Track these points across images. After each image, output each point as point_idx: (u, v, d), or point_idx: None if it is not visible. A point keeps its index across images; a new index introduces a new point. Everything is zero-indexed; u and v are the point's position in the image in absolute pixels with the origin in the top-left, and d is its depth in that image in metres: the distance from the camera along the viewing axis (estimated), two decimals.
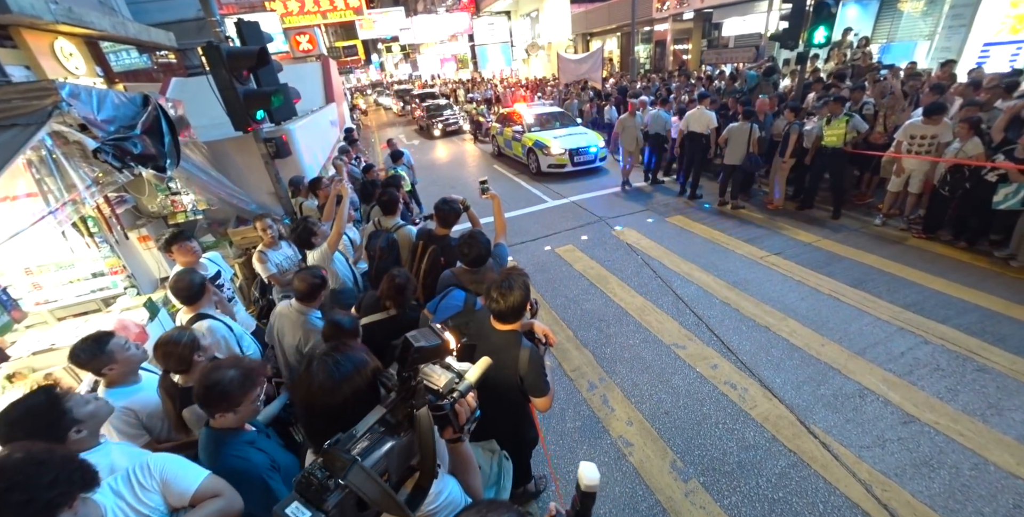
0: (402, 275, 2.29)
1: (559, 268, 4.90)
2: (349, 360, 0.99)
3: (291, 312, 2.34)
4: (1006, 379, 2.90)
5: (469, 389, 1.02)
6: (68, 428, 1.33)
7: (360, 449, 0.80)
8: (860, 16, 11.54)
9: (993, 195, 4.19)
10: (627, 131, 6.85)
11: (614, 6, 18.78)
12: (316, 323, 2.32)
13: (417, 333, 1.04)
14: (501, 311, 1.73)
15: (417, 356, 1.00)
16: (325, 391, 0.94)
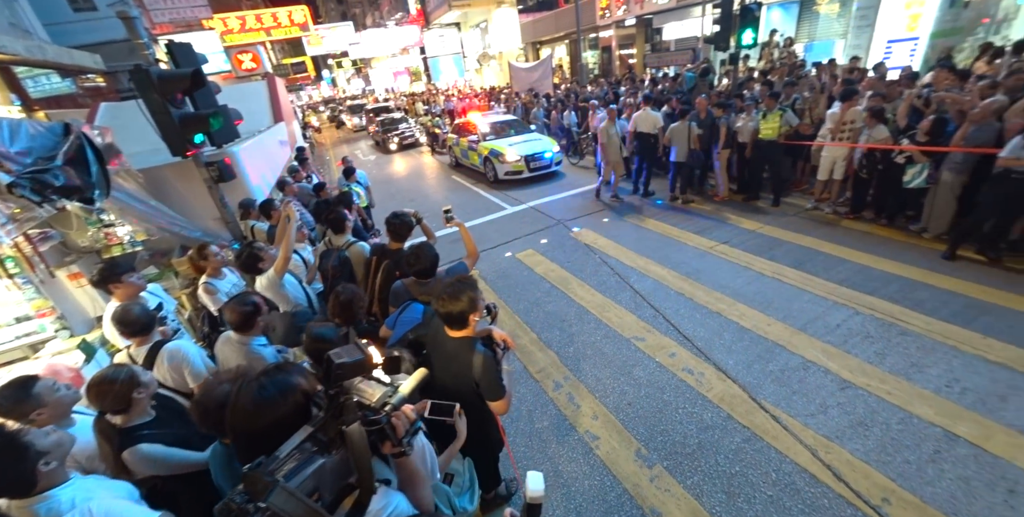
0: (347, 291, 2.30)
1: (521, 273, 5.02)
2: (275, 384, 0.99)
3: (231, 343, 2.28)
4: (924, 339, 3.23)
5: (403, 401, 1.05)
6: (36, 461, 1.29)
7: (286, 470, 0.81)
8: (783, 18, 12.53)
9: (903, 176, 4.68)
10: (611, 140, 6.49)
11: (560, 15, 19.50)
12: (259, 351, 2.27)
13: (340, 350, 1.08)
14: (447, 318, 1.78)
15: (340, 372, 1.03)
16: (246, 415, 0.95)
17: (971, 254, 4.15)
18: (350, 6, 52.57)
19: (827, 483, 2.38)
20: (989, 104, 4.18)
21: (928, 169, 4.53)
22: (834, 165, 5.33)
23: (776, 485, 2.41)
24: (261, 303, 2.27)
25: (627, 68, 16.53)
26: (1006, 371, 2.88)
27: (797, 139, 5.82)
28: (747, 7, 8.00)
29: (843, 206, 5.41)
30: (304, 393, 1.02)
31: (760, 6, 8.48)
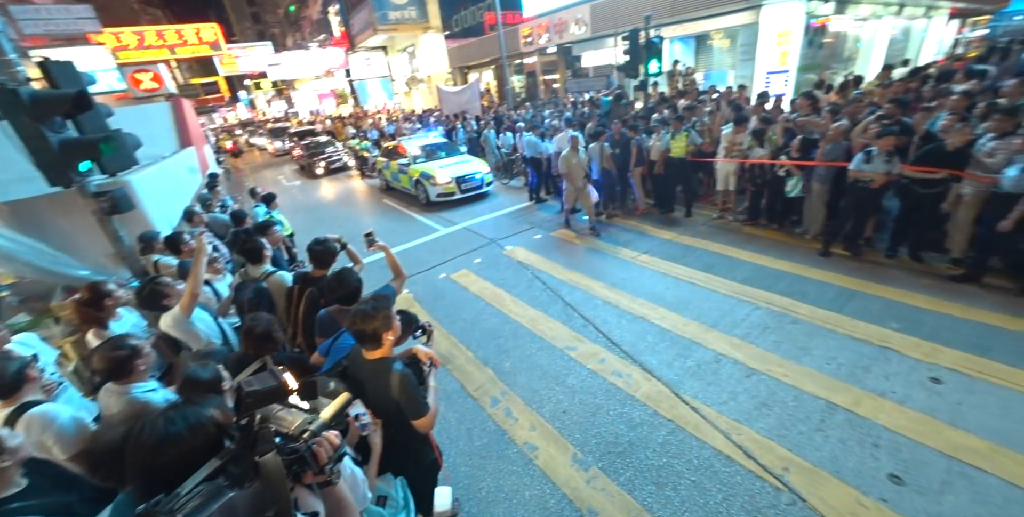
0: (260, 321, 2.23)
1: (456, 293, 5.12)
2: (184, 418, 0.96)
3: (111, 393, 2.08)
4: (809, 325, 3.81)
5: (324, 427, 1.03)
6: None
7: (189, 508, 0.79)
8: (684, 51, 14.33)
9: (785, 187, 5.55)
10: (574, 169, 6.23)
11: (485, 41, 20.56)
12: (144, 398, 2.09)
13: (252, 378, 1.09)
14: (360, 337, 1.79)
15: (251, 401, 1.03)
16: (148, 451, 0.91)
17: (840, 250, 4.98)
18: (268, 26, 51.08)
19: (739, 461, 2.70)
20: (837, 127, 5.14)
21: (802, 181, 5.42)
22: (728, 178, 6.18)
23: (698, 470, 2.68)
24: (143, 346, 2.08)
25: (551, 92, 17.70)
26: (868, 346, 3.49)
27: (701, 156, 6.66)
28: (650, 40, 9.11)
29: (742, 214, 6.23)
30: (217, 425, 0.99)
31: (662, 40, 9.70)
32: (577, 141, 6.25)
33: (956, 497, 2.34)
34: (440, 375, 3.73)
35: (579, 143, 6.28)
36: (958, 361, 3.23)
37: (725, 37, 12.75)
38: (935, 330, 3.58)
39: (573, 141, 6.25)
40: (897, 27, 16.27)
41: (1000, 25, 20.58)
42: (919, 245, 4.72)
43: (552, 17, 16.65)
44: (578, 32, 15.66)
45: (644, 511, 2.48)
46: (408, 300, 5.13)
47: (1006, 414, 2.77)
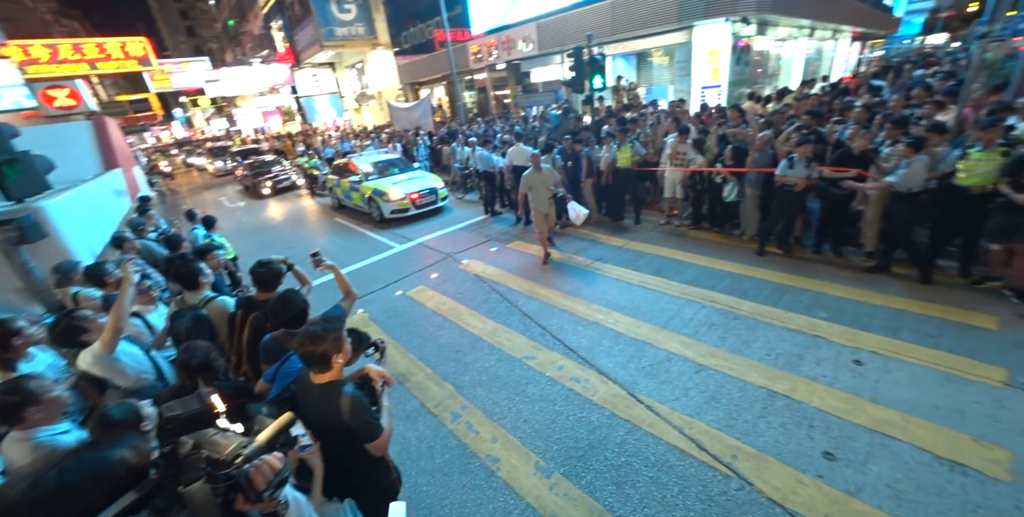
0: (197, 352, 2.09)
1: (412, 310, 5.09)
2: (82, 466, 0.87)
3: (13, 444, 1.89)
4: (750, 320, 4.12)
5: (260, 452, 0.99)
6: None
7: None
8: (626, 67, 15.25)
9: (723, 192, 6.02)
10: (536, 191, 5.71)
11: (436, 58, 20.87)
12: (52, 441, 1.91)
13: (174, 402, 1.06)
14: (308, 360, 1.75)
15: (172, 427, 0.99)
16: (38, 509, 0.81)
17: (774, 249, 5.44)
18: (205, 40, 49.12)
19: (692, 454, 2.85)
20: (762, 137, 5.66)
21: (736, 186, 5.90)
22: (675, 186, 6.60)
23: (654, 466, 2.81)
24: (45, 390, 1.86)
25: (503, 107, 18.16)
26: (801, 335, 3.83)
27: (646, 166, 7.08)
28: (593, 58, 9.65)
29: (687, 220, 6.66)
30: (129, 468, 0.92)
31: (604, 57, 10.30)
32: (538, 159, 5.70)
33: (878, 466, 2.60)
34: (399, 394, 3.71)
35: (540, 161, 5.71)
36: (875, 343, 3.61)
37: (664, 54, 13.72)
38: (855, 317, 3.98)
39: (534, 159, 5.71)
40: (811, 47, 18.21)
41: (892, 47, 23.76)
42: (839, 241, 5.26)
43: (500, 35, 17.24)
44: (526, 49, 16.29)
45: (605, 511, 2.56)
46: (363, 319, 5.04)
47: (915, 387, 3.13)
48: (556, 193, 5.88)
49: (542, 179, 5.71)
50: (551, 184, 5.77)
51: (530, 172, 5.75)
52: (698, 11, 11.02)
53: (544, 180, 5.71)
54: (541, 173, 5.70)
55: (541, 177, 5.70)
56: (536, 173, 5.71)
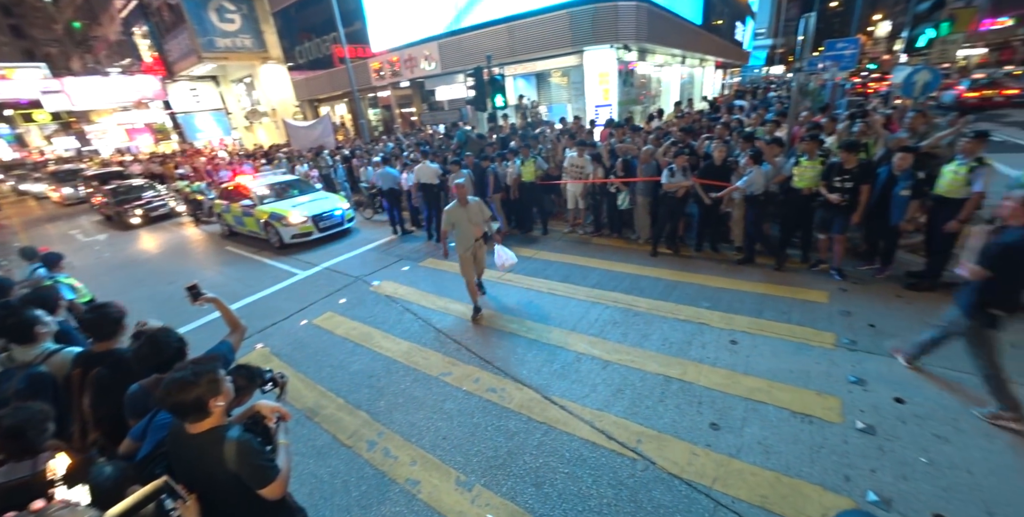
0: (16, 414, 1.73)
1: (320, 339, 4.83)
2: None
3: None
4: (647, 315, 4.60)
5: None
6: None
7: None
8: (527, 86, 16.24)
9: (618, 201, 6.67)
10: (461, 228, 4.67)
11: (335, 74, 20.26)
12: None
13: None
14: (180, 411, 1.59)
15: None
16: None
17: (664, 250, 6.15)
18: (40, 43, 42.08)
19: (603, 445, 3.09)
20: (647, 150, 6.43)
21: (629, 195, 6.59)
22: (576, 197, 7.17)
23: (570, 462, 2.99)
24: None
25: (409, 125, 18.16)
26: (689, 324, 4.37)
27: (549, 179, 7.59)
28: (494, 78, 10.17)
29: (590, 228, 7.25)
30: None
31: (504, 77, 10.92)
32: (464, 191, 4.62)
33: (752, 428, 3.07)
34: (308, 430, 3.49)
35: (467, 193, 4.64)
36: (746, 324, 4.26)
37: (563, 75, 14.89)
38: (730, 303, 4.66)
39: (459, 191, 4.59)
40: (684, 73, 21.12)
41: (747, 75, 28.66)
42: (715, 239, 6.12)
43: (401, 53, 17.36)
44: (428, 68, 16.60)
45: (526, 513, 2.66)
46: (263, 355, 4.65)
47: (775, 357, 3.76)
48: (486, 232, 4.84)
49: (468, 215, 4.61)
50: (480, 220, 4.71)
51: (454, 206, 4.64)
52: (587, 37, 12.24)
53: (471, 216, 4.62)
54: (468, 207, 4.62)
55: (467, 212, 4.61)
56: (460, 208, 4.60)
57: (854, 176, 4.66)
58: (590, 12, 11.86)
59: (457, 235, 4.74)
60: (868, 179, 4.67)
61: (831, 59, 12.83)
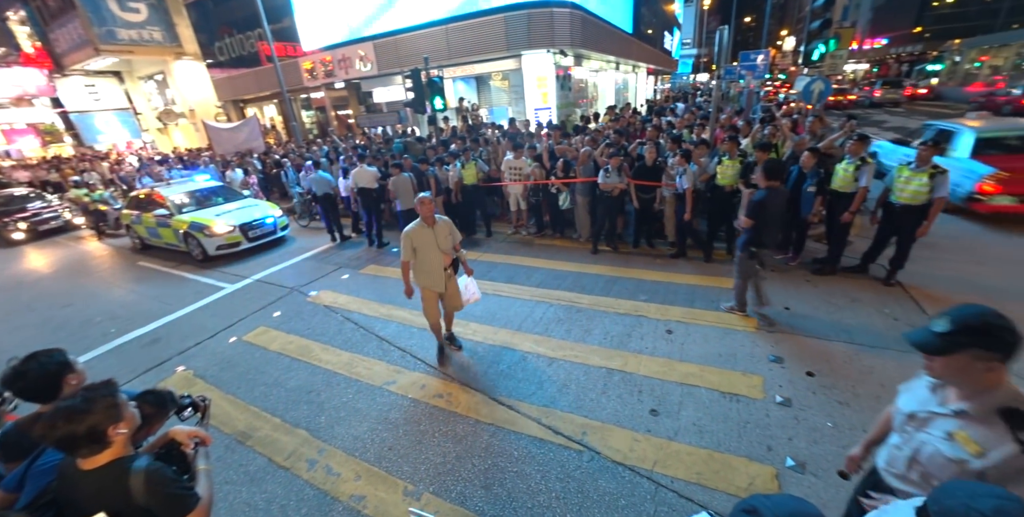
0: None
1: (252, 356, 4.52)
2: None
3: None
4: (589, 311, 4.78)
5: None
6: None
7: None
8: (468, 89, 16.27)
9: (559, 201, 6.86)
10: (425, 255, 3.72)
11: (262, 73, 19.09)
12: None
13: None
14: (70, 445, 1.41)
15: None
16: None
17: (604, 247, 6.42)
18: None
19: (550, 440, 3.16)
20: (584, 152, 6.67)
21: (569, 195, 6.80)
22: (518, 199, 7.29)
23: (519, 460, 3.02)
24: None
25: (346, 128, 17.54)
26: (628, 317, 4.59)
27: (490, 182, 7.66)
28: (431, 80, 10.07)
29: (533, 228, 7.40)
30: None
31: (442, 79, 10.85)
32: (431, 208, 3.65)
33: (687, 411, 3.29)
34: (239, 455, 3.26)
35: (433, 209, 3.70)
36: (680, 314, 4.56)
37: (504, 78, 15.08)
38: (666, 295, 4.96)
39: (423, 207, 3.63)
40: (619, 78, 22.19)
41: (676, 81, 30.76)
42: (651, 235, 6.48)
43: (335, 52, 16.73)
44: (364, 69, 16.13)
45: (476, 516, 2.66)
46: (185, 379, 4.26)
47: (706, 343, 4.05)
48: (455, 259, 3.96)
49: (436, 238, 3.68)
50: (449, 246, 3.80)
51: (417, 227, 3.65)
52: (523, 42, 12.50)
53: (439, 239, 3.70)
54: (435, 228, 3.68)
55: (435, 235, 3.67)
56: (425, 229, 3.65)
57: None
58: (525, 17, 12.14)
59: (419, 265, 3.74)
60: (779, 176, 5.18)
61: (745, 69, 14.08)
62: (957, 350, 1.29)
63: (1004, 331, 1.24)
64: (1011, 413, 1.28)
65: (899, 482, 1.57)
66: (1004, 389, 1.30)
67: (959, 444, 1.35)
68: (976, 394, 1.34)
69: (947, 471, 1.38)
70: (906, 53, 40.85)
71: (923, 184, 4.25)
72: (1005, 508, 0.85)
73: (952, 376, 1.36)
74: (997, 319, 1.25)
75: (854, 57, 44.15)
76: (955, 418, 1.37)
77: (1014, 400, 1.29)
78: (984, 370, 1.28)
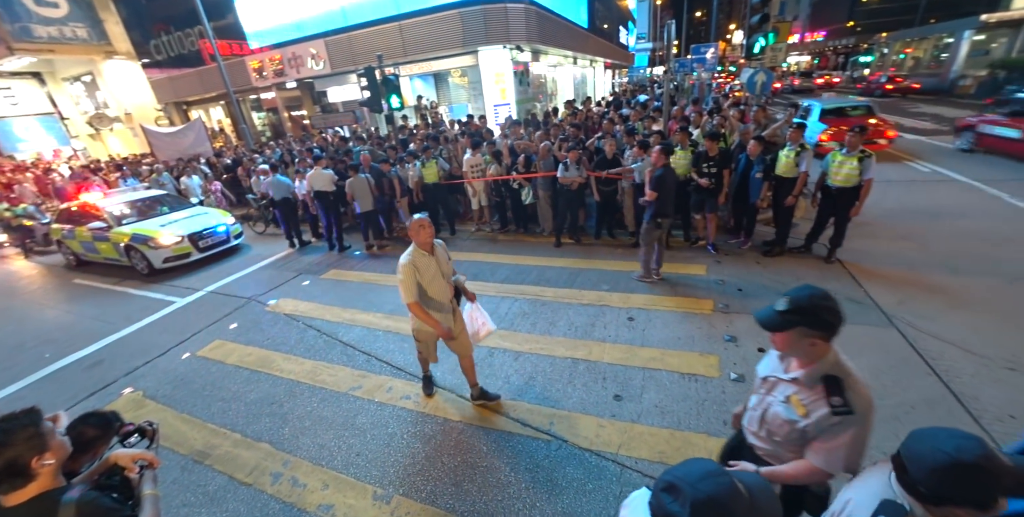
0: None
1: (207, 372, 4.32)
2: None
3: None
4: (554, 304, 4.86)
5: None
6: None
7: None
8: (426, 87, 16.05)
9: (521, 196, 6.91)
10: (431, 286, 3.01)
11: (206, 73, 18.15)
12: None
13: None
14: None
15: None
16: None
17: (567, 240, 6.52)
18: None
19: (519, 432, 3.21)
20: (544, 146, 6.74)
21: (531, 190, 6.86)
22: (480, 196, 7.29)
23: (488, 455, 3.05)
24: None
25: (302, 129, 16.96)
26: (592, 307, 4.70)
27: (452, 179, 7.61)
28: (387, 78, 9.86)
29: (497, 225, 7.42)
30: None
31: (398, 77, 10.65)
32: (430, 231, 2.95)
33: (649, 394, 3.41)
34: (197, 475, 3.14)
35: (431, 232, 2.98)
36: (641, 301, 4.71)
37: (463, 75, 14.96)
38: (627, 283, 5.10)
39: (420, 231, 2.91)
40: (578, 73, 22.47)
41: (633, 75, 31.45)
42: (612, 226, 6.64)
43: (284, 50, 16.11)
44: (316, 67, 15.62)
45: (448, 514, 2.67)
46: (134, 401, 4.03)
47: (666, 327, 4.21)
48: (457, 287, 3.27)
49: (439, 265, 3.04)
50: (451, 271, 3.20)
51: (415, 256, 2.94)
52: (479, 37, 12.45)
53: (442, 265, 3.06)
54: (436, 253, 3.03)
55: (437, 262, 3.03)
56: (426, 257, 2.97)
57: (717, 162, 5.39)
58: (480, 13, 12.09)
59: (424, 299, 3.04)
60: (728, 164, 5.44)
61: (696, 61, 14.59)
62: (789, 327, 1.45)
63: (827, 312, 1.40)
64: (829, 380, 1.45)
65: (753, 438, 1.76)
66: (830, 360, 1.47)
67: (792, 406, 1.53)
68: (807, 364, 1.51)
69: (783, 430, 1.57)
70: (841, 46, 43.55)
71: (854, 168, 4.57)
72: (964, 446, 0.97)
73: (786, 349, 1.53)
74: (823, 301, 1.41)
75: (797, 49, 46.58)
76: (792, 384, 1.55)
77: (833, 368, 1.46)
78: (808, 345, 1.45)
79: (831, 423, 1.42)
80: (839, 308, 1.41)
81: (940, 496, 1.00)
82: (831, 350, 1.48)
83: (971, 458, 0.95)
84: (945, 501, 1.00)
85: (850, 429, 1.41)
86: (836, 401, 1.41)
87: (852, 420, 1.40)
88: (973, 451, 0.96)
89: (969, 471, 0.95)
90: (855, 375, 1.46)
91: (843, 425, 1.41)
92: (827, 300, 1.42)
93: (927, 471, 1.00)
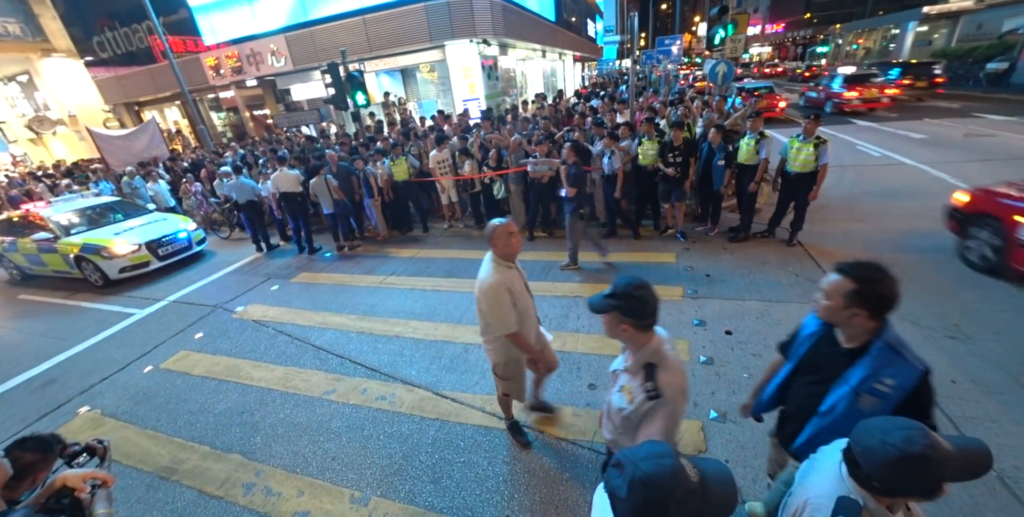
0: None
1: (171, 385, 4.16)
2: None
3: None
4: None
5: None
6: None
7: None
8: (393, 83, 15.74)
9: (493, 191, 6.88)
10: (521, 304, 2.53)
11: (158, 72, 17.29)
12: None
13: None
14: None
15: None
16: None
17: (540, 233, 6.55)
18: None
19: (495, 426, 3.22)
20: (515, 140, 6.73)
21: (503, 184, 6.84)
22: (450, 192, 7.23)
23: (466, 451, 3.06)
24: None
25: (265, 129, 16.42)
26: (565, 299, 4.75)
27: (423, 176, 7.52)
28: (351, 74, 9.63)
29: (470, 220, 7.38)
30: None
31: (363, 73, 10.43)
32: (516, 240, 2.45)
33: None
34: (163, 492, 3.03)
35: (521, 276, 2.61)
36: None
37: (432, 70, 14.71)
38: (599, 274, 5.17)
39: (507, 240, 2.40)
40: (547, 66, 22.46)
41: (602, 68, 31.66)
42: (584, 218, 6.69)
43: (242, 47, 15.48)
44: (277, 64, 15.10)
45: (427, 512, 2.66)
46: (92, 420, 3.84)
47: None
48: None
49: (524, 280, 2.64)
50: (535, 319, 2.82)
51: (503, 272, 2.42)
52: (446, 32, 12.26)
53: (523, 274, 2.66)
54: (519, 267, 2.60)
55: (522, 277, 2.63)
56: (512, 272, 2.50)
57: (682, 151, 5.50)
58: (445, 6, 11.90)
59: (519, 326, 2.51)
60: (693, 153, 5.56)
61: (661, 53, 14.82)
62: (607, 310, 1.53)
63: (634, 300, 1.48)
64: (648, 366, 1.53)
65: (606, 432, 1.82)
66: (651, 348, 1.56)
67: (624, 395, 1.61)
68: (635, 353, 1.59)
69: (618, 418, 1.65)
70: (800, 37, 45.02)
71: (810, 154, 4.74)
72: (912, 437, 0.99)
73: (608, 332, 1.60)
74: (636, 290, 1.49)
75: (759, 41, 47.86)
76: (624, 373, 1.63)
77: (652, 356, 1.55)
78: (621, 330, 1.54)
79: (647, 408, 1.49)
80: (649, 299, 1.49)
81: (893, 489, 1.03)
82: (653, 338, 1.56)
83: (919, 449, 0.97)
84: (897, 493, 1.05)
85: (661, 411, 1.47)
86: (649, 386, 1.48)
87: (661, 403, 1.47)
88: (919, 441, 0.98)
89: (918, 463, 0.97)
90: (670, 360, 1.54)
91: (655, 409, 1.48)
92: (640, 290, 1.49)
93: (879, 467, 1.02)
